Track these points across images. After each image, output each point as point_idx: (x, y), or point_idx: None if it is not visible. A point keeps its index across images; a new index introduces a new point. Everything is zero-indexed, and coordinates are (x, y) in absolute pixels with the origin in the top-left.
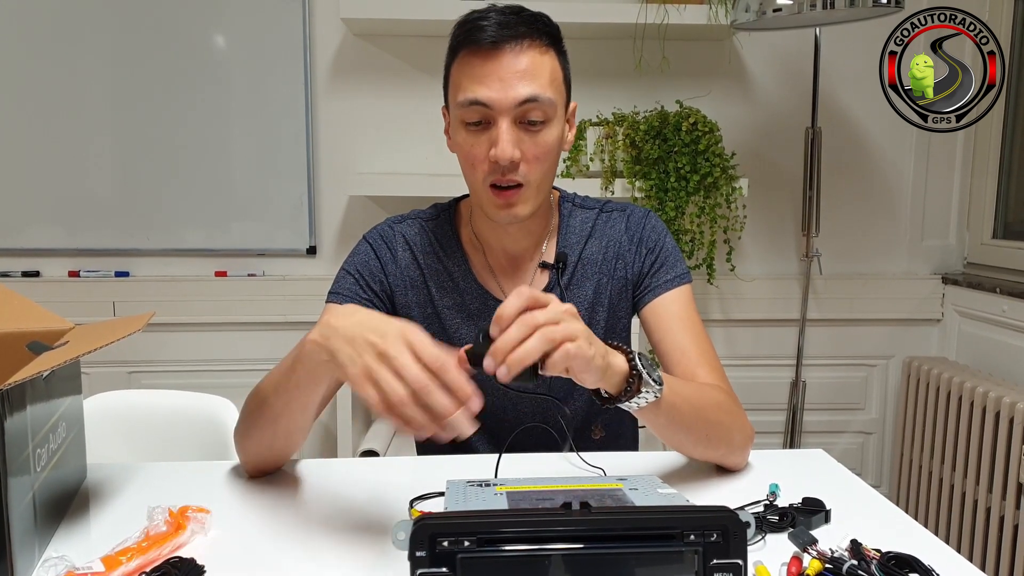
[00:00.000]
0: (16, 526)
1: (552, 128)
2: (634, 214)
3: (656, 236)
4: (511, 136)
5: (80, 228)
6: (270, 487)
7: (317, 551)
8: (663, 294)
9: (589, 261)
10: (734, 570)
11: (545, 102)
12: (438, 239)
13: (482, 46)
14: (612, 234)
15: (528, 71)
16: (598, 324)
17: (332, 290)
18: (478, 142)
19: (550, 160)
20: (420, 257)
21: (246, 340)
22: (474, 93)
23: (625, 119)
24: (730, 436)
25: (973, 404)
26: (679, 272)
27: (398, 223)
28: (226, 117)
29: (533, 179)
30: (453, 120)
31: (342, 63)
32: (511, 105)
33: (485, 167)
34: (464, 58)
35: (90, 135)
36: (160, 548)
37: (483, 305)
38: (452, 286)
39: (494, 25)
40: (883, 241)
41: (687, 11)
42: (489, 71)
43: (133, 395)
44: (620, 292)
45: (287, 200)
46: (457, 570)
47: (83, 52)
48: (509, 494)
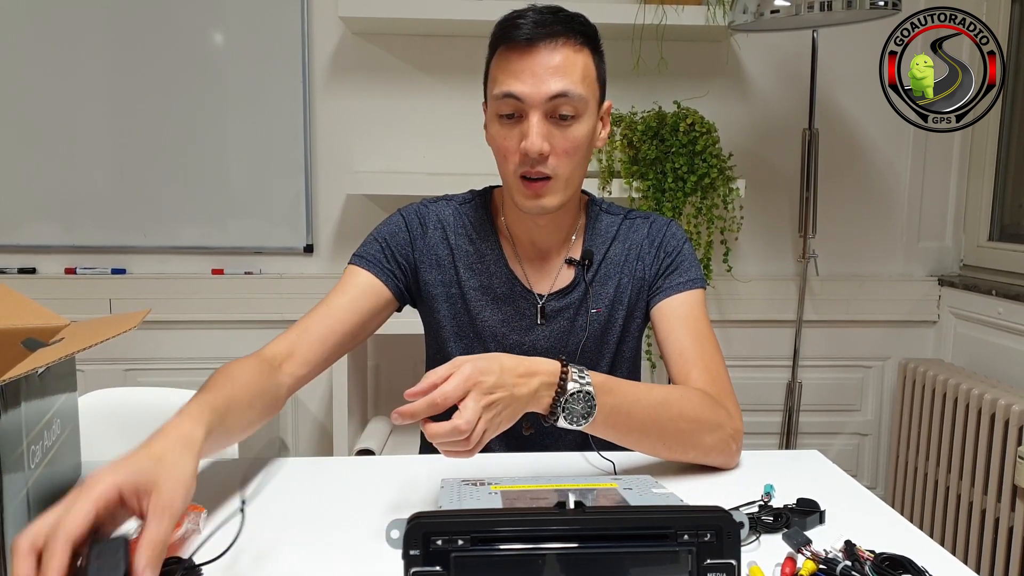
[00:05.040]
0: (10, 523)
1: (582, 124)
2: (657, 221)
3: (675, 242)
4: (541, 129)
5: (77, 225)
6: (265, 485)
7: (313, 549)
8: (672, 296)
9: (612, 262)
10: (727, 570)
11: (575, 98)
12: (472, 222)
13: (519, 42)
14: (635, 238)
15: (561, 67)
16: (616, 323)
17: (357, 252)
18: (510, 135)
19: (579, 155)
20: (452, 238)
21: (242, 338)
22: (508, 87)
23: (623, 119)
24: (697, 439)
25: (968, 406)
26: (692, 276)
27: (433, 203)
28: (224, 114)
29: (562, 172)
30: (489, 112)
31: (340, 61)
32: (542, 99)
33: (516, 159)
34: (502, 54)
35: (87, 132)
36: None
37: (510, 290)
38: (482, 268)
39: (531, 23)
40: (879, 243)
41: (685, 12)
42: (524, 66)
43: (128, 392)
44: (638, 293)
45: (284, 198)
46: (451, 569)
47: (80, 49)
48: (504, 493)
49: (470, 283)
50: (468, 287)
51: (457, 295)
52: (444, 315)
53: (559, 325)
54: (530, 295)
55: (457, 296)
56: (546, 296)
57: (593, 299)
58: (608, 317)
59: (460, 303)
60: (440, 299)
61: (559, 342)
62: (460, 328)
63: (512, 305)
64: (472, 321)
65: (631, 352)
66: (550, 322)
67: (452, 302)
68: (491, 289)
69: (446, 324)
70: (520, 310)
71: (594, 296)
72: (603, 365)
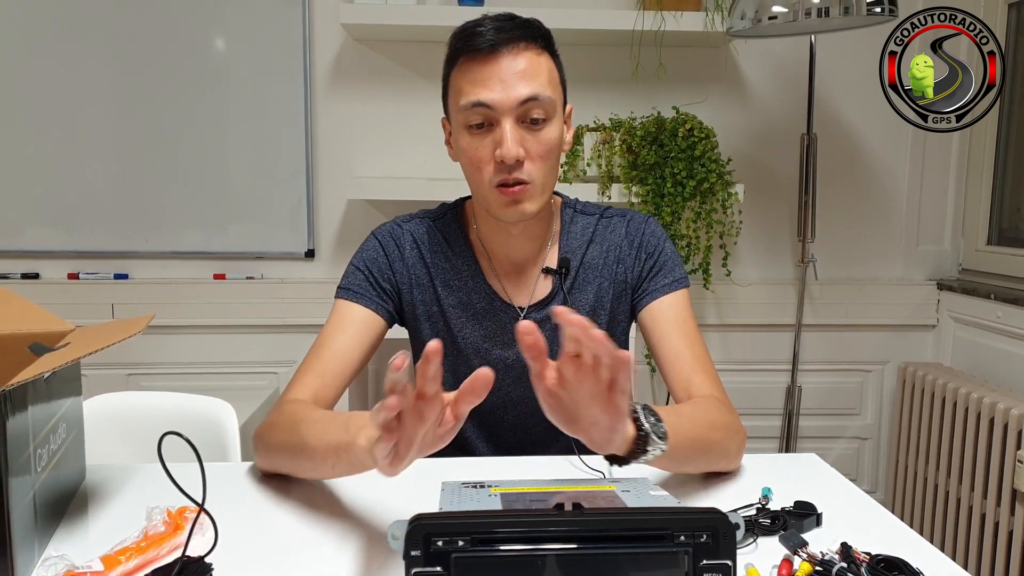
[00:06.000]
0: (17, 525)
1: (552, 126)
2: (634, 219)
3: (656, 241)
4: (515, 135)
5: (79, 230)
6: (268, 487)
7: (316, 550)
8: (660, 298)
9: (590, 266)
10: (723, 571)
11: (545, 100)
12: (446, 238)
13: (481, 51)
14: (613, 239)
15: (527, 72)
16: (599, 327)
17: (343, 285)
18: (482, 144)
19: (552, 158)
20: (427, 256)
21: (244, 343)
22: (476, 96)
23: (622, 125)
24: (727, 449)
25: (968, 410)
26: (677, 276)
27: (406, 222)
28: (226, 120)
29: (538, 176)
30: (455, 126)
31: (341, 67)
32: (513, 105)
33: (491, 168)
34: (464, 64)
35: (89, 137)
36: (159, 548)
37: (489, 305)
38: (459, 284)
39: (491, 31)
40: (878, 247)
41: (684, 18)
42: (489, 74)
43: (132, 396)
44: (620, 296)
45: (286, 203)
46: (451, 569)
47: (83, 54)
48: (503, 495)
49: (448, 300)
50: (447, 304)
51: (438, 313)
52: (427, 333)
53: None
54: (510, 308)
55: (438, 314)
56: (526, 308)
57: (573, 306)
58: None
59: (441, 321)
60: (422, 318)
61: None
62: (443, 346)
63: (492, 320)
64: (454, 339)
65: None
66: None
67: (433, 320)
68: (470, 305)
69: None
70: (501, 324)
71: (574, 303)
72: None
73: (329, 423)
